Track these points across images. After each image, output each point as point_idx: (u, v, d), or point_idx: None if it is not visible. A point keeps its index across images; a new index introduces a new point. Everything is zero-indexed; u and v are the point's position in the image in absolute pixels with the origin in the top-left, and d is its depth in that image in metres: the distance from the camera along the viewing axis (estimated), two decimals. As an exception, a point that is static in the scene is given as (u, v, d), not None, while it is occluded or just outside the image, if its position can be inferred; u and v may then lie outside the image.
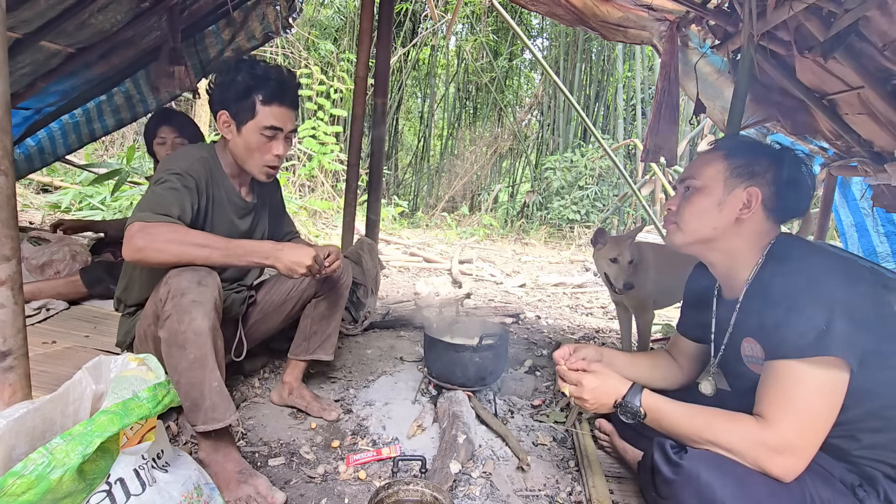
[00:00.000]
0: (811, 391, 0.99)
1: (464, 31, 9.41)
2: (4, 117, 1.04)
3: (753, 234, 1.16)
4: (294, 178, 6.51)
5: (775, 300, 1.05)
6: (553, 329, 3.11)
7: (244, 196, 1.68)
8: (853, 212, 3.14)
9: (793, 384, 1.00)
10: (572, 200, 7.31)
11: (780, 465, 0.99)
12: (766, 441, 0.99)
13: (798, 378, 1.00)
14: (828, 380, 0.99)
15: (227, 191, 1.61)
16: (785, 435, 0.99)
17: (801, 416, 0.99)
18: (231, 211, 1.63)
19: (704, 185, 1.17)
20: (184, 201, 1.42)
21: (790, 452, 0.99)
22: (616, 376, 1.20)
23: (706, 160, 1.20)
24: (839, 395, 0.99)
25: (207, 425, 1.30)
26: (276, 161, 1.57)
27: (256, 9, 3.06)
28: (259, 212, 1.75)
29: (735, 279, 1.19)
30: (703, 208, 1.17)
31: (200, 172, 1.51)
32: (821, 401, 0.99)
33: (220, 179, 1.60)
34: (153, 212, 1.34)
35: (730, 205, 1.15)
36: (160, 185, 1.41)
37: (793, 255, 1.10)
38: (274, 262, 1.42)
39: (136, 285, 1.64)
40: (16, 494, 0.78)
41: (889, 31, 1.41)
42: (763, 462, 0.99)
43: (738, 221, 1.15)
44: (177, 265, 1.34)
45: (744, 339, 1.16)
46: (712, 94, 2.58)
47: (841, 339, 0.96)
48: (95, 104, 3.16)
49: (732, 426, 1.03)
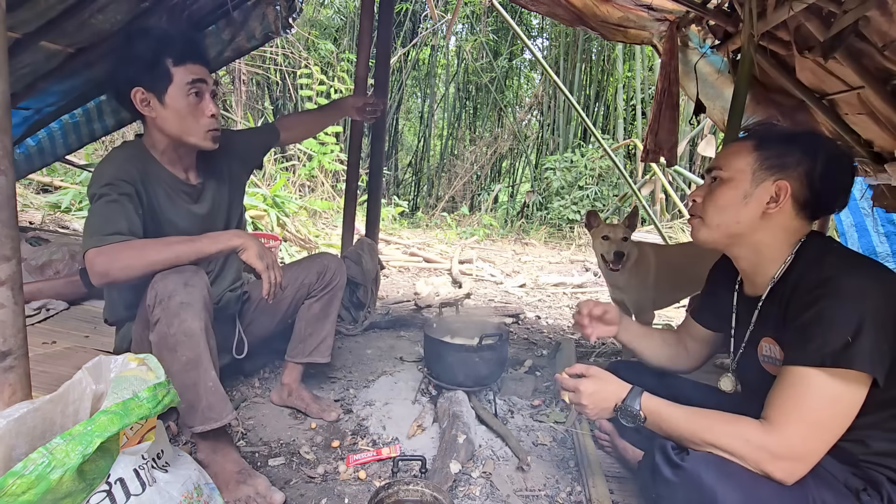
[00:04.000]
0: (824, 401, 0.96)
1: (464, 31, 9.41)
2: (4, 117, 1.04)
3: (782, 231, 1.10)
4: (294, 178, 6.51)
5: (804, 303, 1.00)
6: (553, 329, 3.11)
7: (190, 180, 1.57)
8: (853, 212, 3.14)
9: (805, 391, 0.97)
10: (572, 200, 7.31)
11: (782, 469, 0.97)
12: (769, 445, 0.98)
13: (812, 386, 0.96)
14: (844, 392, 0.96)
15: (168, 181, 1.51)
16: (789, 441, 0.97)
17: (808, 424, 0.96)
18: (182, 200, 1.55)
19: (731, 176, 1.11)
20: (128, 212, 1.34)
21: (794, 458, 0.97)
22: (615, 380, 1.18)
23: (735, 150, 1.13)
24: (853, 408, 0.97)
25: (205, 425, 1.30)
26: (214, 122, 1.48)
27: (256, 9, 3.06)
28: (214, 188, 1.65)
29: (760, 276, 1.15)
30: (727, 201, 1.11)
31: (133, 174, 1.40)
32: (832, 412, 0.96)
33: (158, 172, 1.49)
34: (101, 234, 1.28)
35: (757, 198, 1.08)
36: (98, 203, 1.33)
37: (825, 258, 1.04)
38: (243, 241, 1.38)
39: (110, 301, 1.60)
40: (16, 494, 0.78)
41: (889, 31, 1.41)
42: (765, 465, 0.98)
43: (764, 216, 1.09)
44: (151, 274, 1.31)
45: (763, 339, 1.13)
46: (712, 94, 2.58)
47: (867, 353, 0.93)
48: (95, 104, 3.15)
49: (734, 429, 1.01)
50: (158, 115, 1.43)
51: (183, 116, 1.43)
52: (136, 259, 1.29)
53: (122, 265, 1.27)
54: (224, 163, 1.69)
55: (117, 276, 1.29)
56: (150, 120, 1.45)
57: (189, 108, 1.43)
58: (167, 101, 1.42)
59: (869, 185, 2.52)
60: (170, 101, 1.42)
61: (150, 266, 1.30)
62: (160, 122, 1.44)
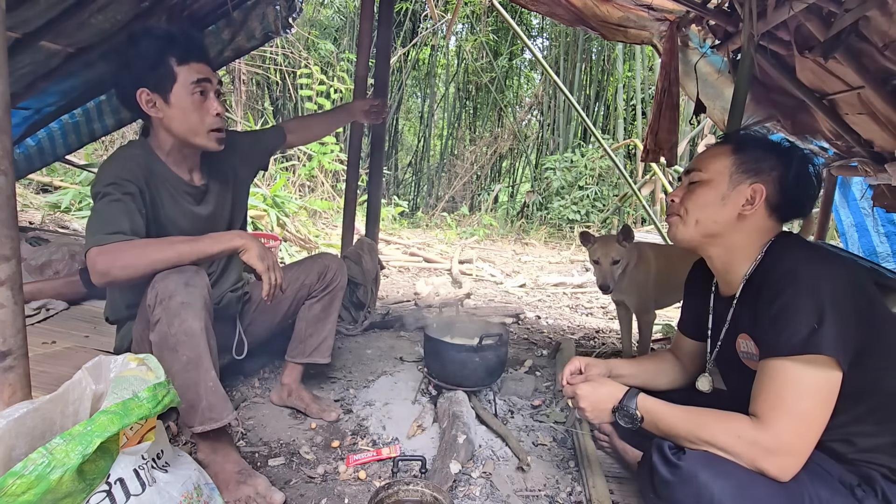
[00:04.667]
0: (805, 391, 0.99)
1: (464, 31, 9.41)
2: (4, 117, 1.04)
3: (755, 231, 1.15)
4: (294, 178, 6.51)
5: (770, 297, 1.04)
6: (553, 329, 3.11)
7: (194, 182, 1.58)
8: (853, 212, 3.14)
9: (785, 383, 1.00)
10: (572, 200, 7.31)
11: (777, 465, 0.99)
12: (761, 441, 0.99)
13: (791, 377, 1.00)
14: (820, 378, 0.98)
15: (172, 182, 1.51)
16: (780, 435, 0.99)
17: (795, 416, 0.99)
18: (186, 201, 1.55)
19: (710, 178, 1.16)
20: (131, 211, 1.34)
21: (786, 452, 0.99)
22: (611, 382, 1.21)
23: (714, 153, 1.19)
24: (832, 394, 0.99)
25: (205, 425, 1.30)
26: (219, 122, 1.48)
27: (256, 9, 3.06)
28: (218, 190, 1.65)
29: (732, 275, 1.19)
30: (706, 201, 1.16)
31: (137, 173, 1.41)
32: (814, 400, 0.99)
33: (162, 172, 1.49)
34: (104, 233, 1.28)
35: (733, 200, 1.13)
36: (101, 202, 1.33)
37: (789, 253, 1.09)
38: (244, 241, 1.38)
39: (112, 300, 1.60)
40: (16, 494, 0.78)
41: (889, 31, 1.41)
42: (759, 462, 0.99)
43: (740, 217, 1.14)
44: (152, 274, 1.31)
45: (739, 336, 1.16)
46: (712, 94, 2.58)
47: (831, 338, 0.96)
48: (95, 104, 3.15)
49: (727, 426, 1.03)
50: (164, 115, 1.44)
51: (188, 115, 1.44)
52: (137, 258, 1.29)
53: (123, 264, 1.27)
54: (229, 164, 1.69)
55: (118, 276, 1.28)
56: (157, 121, 1.46)
57: (194, 107, 1.44)
58: (172, 101, 1.42)
59: (869, 185, 2.52)
60: (175, 100, 1.42)
61: (151, 266, 1.30)
62: (166, 122, 1.45)
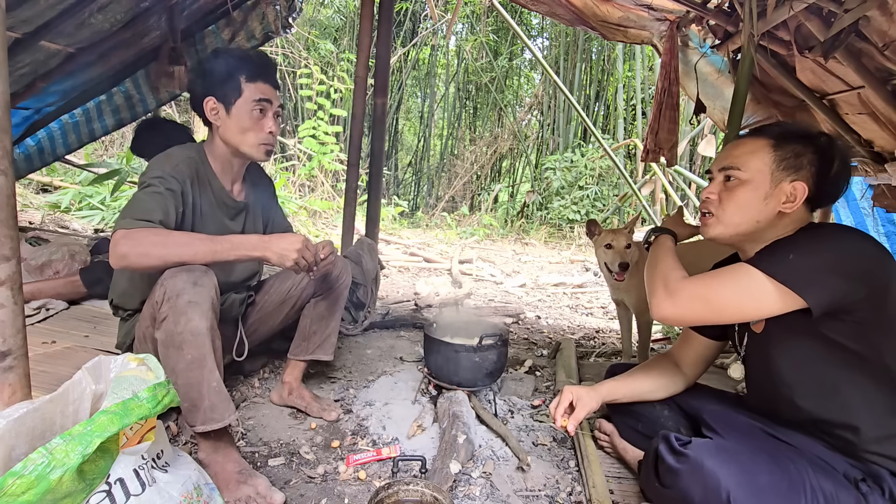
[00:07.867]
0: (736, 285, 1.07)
1: (464, 30, 9.41)
2: (4, 117, 1.04)
3: (791, 223, 1.15)
4: (294, 178, 6.51)
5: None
6: (553, 329, 3.11)
7: (235, 195, 1.66)
8: (853, 212, 3.13)
9: (728, 271, 1.09)
10: (572, 200, 7.31)
11: (658, 300, 1.16)
12: (669, 282, 1.13)
13: (735, 269, 1.08)
14: (755, 287, 1.05)
15: (216, 191, 1.60)
16: (685, 288, 1.12)
17: (709, 289, 1.10)
18: (222, 212, 1.62)
19: (751, 177, 1.13)
20: (167, 205, 1.39)
21: (674, 297, 1.13)
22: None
23: (752, 149, 1.15)
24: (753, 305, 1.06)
25: (207, 425, 1.30)
26: (271, 139, 1.57)
27: (256, 9, 3.06)
28: (252, 211, 1.74)
29: None
30: (748, 201, 1.14)
31: (185, 173, 1.49)
32: (735, 295, 1.07)
33: (209, 179, 1.58)
34: (135, 218, 1.32)
35: (775, 198, 1.12)
36: (143, 191, 1.40)
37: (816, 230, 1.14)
38: (263, 253, 1.38)
39: (130, 290, 1.62)
40: (15, 494, 0.78)
41: (889, 31, 1.41)
42: (653, 297, 1.17)
43: (780, 214, 1.13)
44: (164, 268, 1.32)
45: None
46: (712, 94, 2.58)
47: (795, 269, 1.02)
48: (95, 104, 3.15)
49: (667, 274, 1.19)
50: (223, 124, 1.54)
51: (244, 129, 1.53)
52: (154, 248, 1.30)
53: (142, 251, 1.29)
54: (268, 190, 1.86)
55: (134, 262, 1.30)
56: (216, 128, 1.56)
57: (251, 122, 1.53)
58: (233, 112, 1.52)
59: (869, 185, 2.52)
60: (235, 112, 1.52)
61: (164, 258, 1.31)
62: (223, 130, 1.54)
